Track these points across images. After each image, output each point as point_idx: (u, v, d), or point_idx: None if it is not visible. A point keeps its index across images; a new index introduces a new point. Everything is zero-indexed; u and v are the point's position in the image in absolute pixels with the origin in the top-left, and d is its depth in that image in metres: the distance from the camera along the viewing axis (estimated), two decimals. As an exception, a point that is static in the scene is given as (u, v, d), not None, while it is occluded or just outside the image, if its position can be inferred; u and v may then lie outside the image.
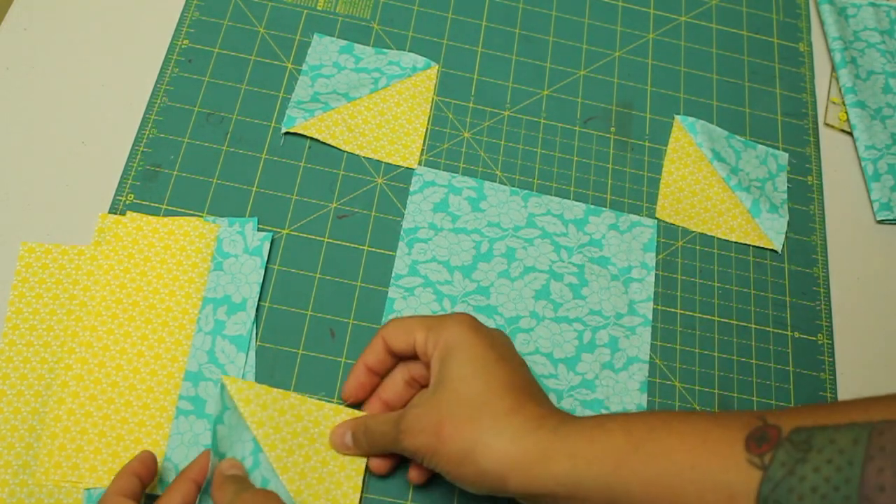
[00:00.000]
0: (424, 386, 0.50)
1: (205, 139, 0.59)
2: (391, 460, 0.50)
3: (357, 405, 0.51)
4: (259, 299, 0.54)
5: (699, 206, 0.62)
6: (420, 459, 0.45)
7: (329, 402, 0.51)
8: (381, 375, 0.51)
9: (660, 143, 0.65)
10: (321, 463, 0.49)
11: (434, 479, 0.51)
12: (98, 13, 0.62)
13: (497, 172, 0.61)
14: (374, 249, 0.57)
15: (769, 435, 0.38)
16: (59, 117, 0.58)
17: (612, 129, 0.65)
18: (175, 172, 0.58)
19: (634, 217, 0.61)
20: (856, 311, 0.62)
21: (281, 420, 0.49)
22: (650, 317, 0.58)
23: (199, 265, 0.53)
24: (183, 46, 0.62)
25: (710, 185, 0.63)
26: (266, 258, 0.55)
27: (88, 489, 0.47)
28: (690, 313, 0.59)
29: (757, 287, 0.61)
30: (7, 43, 0.60)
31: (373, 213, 0.59)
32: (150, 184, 0.57)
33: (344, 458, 0.50)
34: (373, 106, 0.61)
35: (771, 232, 0.62)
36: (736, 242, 0.62)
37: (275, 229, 0.57)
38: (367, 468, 0.50)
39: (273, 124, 0.60)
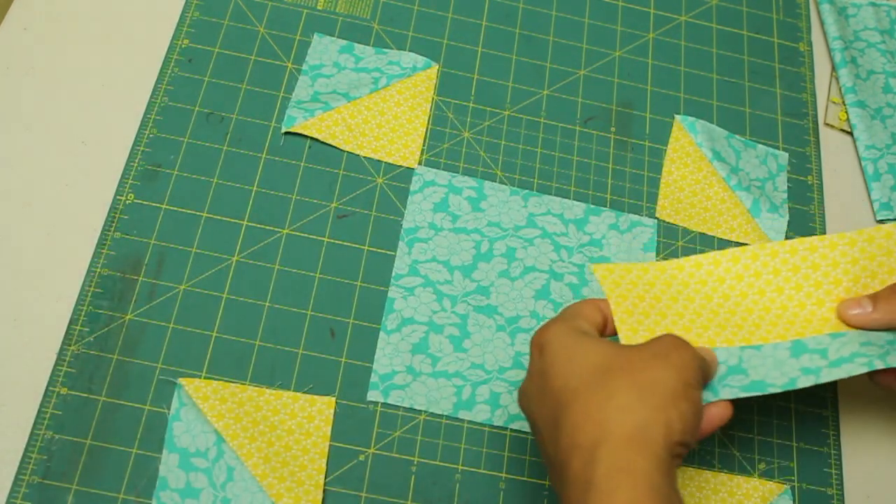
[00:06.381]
0: None
1: (205, 139, 0.59)
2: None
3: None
4: (259, 299, 0.54)
5: (699, 206, 0.62)
6: None
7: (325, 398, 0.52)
8: None
9: (660, 143, 0.65)
10: (284, 448, 0.50)
11: (431, 477, 0.51)
12: (98, 13, 0.62)
13: (497, 172, 0.61)
14: (374, 249, 0.57)
15: None
16: (59, 117, 0.58)
17: (612, 129, 0.65)
18: (175, 172, 0.58)
19: (634, 217, 0.61)
20: (856, 311, 0.61)
21: (240, 411, 0.50)
22: (650, 317, 0.58)
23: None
24: (183, 46, 0.62)
25: (710, 184, 0.63)
26: None
27: None
28: (690, 313, 0.59)
29: (757, 287, 0.61)
30: (7, 43, 0.60)
31: (373, 213, 0.59)
32: (150, 184, 0.57)
33: (307, 441, 0.50)
34: (373, 106, 0.61)
35: (771, 232, 0.62)
36: (736, 242, 0.62)
37: (275, 229, 0.57)
38: (329, 451, 0.50)
39: (273, 124, 0.60)
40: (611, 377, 0.40)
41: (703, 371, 0.43)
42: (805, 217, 0.64)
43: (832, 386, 0.58)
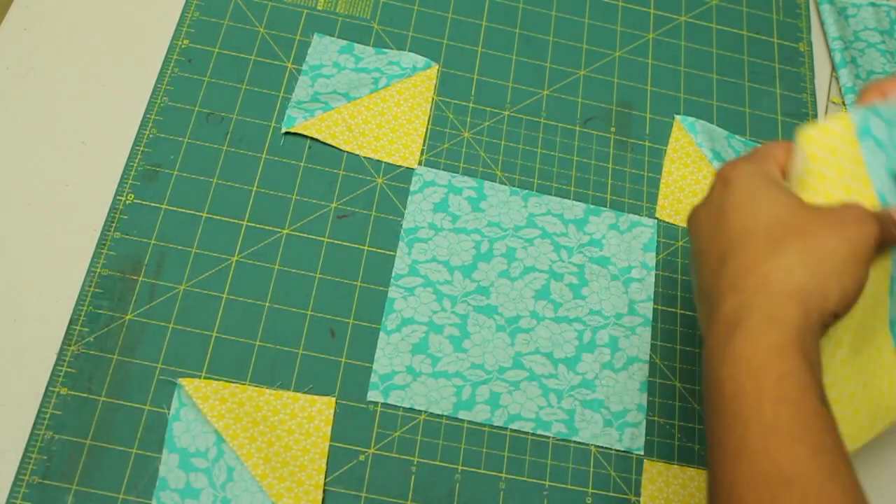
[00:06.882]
0: None
1: (205, 139, 0.59)
2: None
3: None
4: (259, 299, 0.54)
5: (699, 206, 0.62)
6: None
7: (323, 397, 0.52)
8: None
9: (660, 143, 0.65)
10: (284, 448, 0.50)
11: (431, 477, 0.51)
12: (98, 13, 0.62)
13: (497, 172, 0.61)
14: (374, 249, 0.57)
15: None
16: (59, 117, 0.58)
17: (612, 129, 0.65)
18: (175, 172, 0.58)
19: (634, 217, 0.61)
20: (856, 311, 0.61)
21: (240, 411, 0.50)
22: (650, 317, 0.58)
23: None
24: (183, 46, 0.62)
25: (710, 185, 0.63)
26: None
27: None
28: (690, 313, 0.59)
29: (757, 287, 0.61)
30: (7, 43, 0.60)
31: (373, 213, 0.59)
32: (150, 184, 0.57)
33: (307, 441, 0.51)
34: (373, 106, 0.61)
35: (771, 232, 0.62)
36: (736, 242, 0.62)
37: (275, 229, 0.57)
38: (329, 451, 0.50)
39: (273, 124, 0.60)
40: (785, 235, 0.40)
41: (880, 243, 0.42)
42: (805, 217, 0.64)
43: (832, 386, 0.58)
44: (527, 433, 0.54)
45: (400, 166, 0.60)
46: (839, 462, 0.35)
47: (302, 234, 0.57)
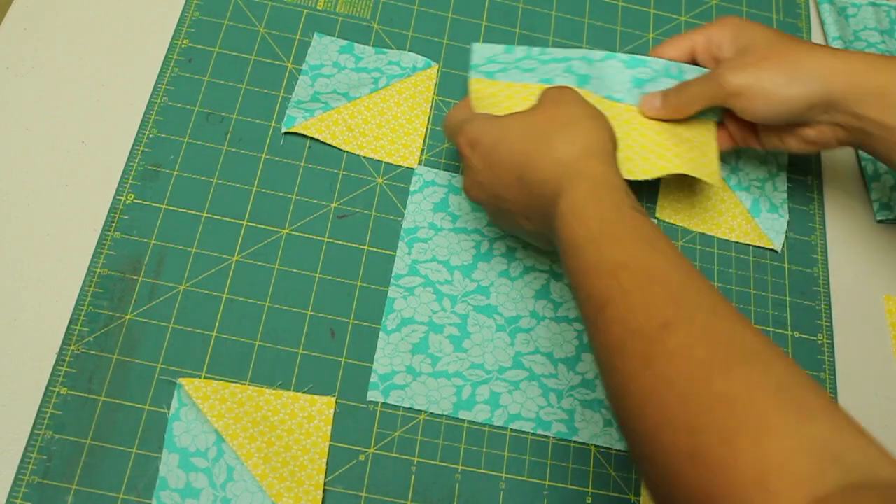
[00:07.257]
0: None
1: (205, 139, 0.59)
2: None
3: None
4: (259, 299, 0.55)
5: (699, 206, 0.62)
6: (736, 100, 0.54)
7: (322, 397, 0.52)
8: None
9: (660, 143, 0.65)
10: (284, 448, 0.50)
11: (431, 477, 0.51)
12: (98, 13, 0.62)
13: (497, 172, 0.61)
14: (374, 249, 0.58)
15: None
16: (59, 117, 0.58)
17: (612, 129, 0.65)
18: (175, 172, 0.58)
19: (634, 217, 0.61)
20: (856, 311, 0.62)
21: (240, 411, 0.50)
22: (650, 317, 0.58)
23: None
24: (183, 46, 0.62)
25: (709, 184, 0.63)
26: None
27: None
28: (690, 313, 0.59)
29: (757, 287, 0.61)
30: (7, 43, 0.60)
31: (373, 213, 0.59)
32: (150, 184, 0.57)
33: (307, 441, 0.51)
34: (373, 106, 0.61)
35: (771, 232, 0.62)
36: (736, 242, 0.62)
37: (275, 229, 0.57)
38: (329, 451, 0.50)
39: (273, 124, 0.60)
40: (544, 132, 0.49)
41: None
42: (805, 217, 0.64)
43: (832, 387, 0.58)
44: (527, 433, 0.54)
45: (400, 166, 0.60)
46: (657, 242, 0.43)
47: (302, 234, 0.57)
